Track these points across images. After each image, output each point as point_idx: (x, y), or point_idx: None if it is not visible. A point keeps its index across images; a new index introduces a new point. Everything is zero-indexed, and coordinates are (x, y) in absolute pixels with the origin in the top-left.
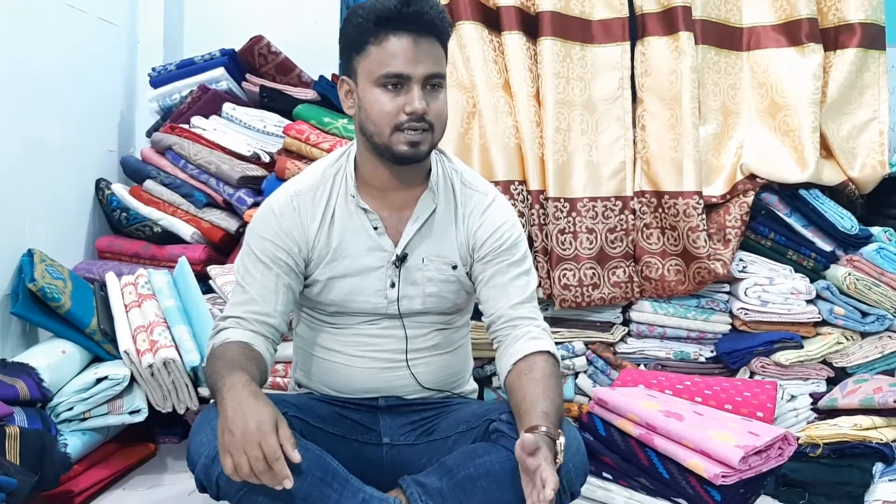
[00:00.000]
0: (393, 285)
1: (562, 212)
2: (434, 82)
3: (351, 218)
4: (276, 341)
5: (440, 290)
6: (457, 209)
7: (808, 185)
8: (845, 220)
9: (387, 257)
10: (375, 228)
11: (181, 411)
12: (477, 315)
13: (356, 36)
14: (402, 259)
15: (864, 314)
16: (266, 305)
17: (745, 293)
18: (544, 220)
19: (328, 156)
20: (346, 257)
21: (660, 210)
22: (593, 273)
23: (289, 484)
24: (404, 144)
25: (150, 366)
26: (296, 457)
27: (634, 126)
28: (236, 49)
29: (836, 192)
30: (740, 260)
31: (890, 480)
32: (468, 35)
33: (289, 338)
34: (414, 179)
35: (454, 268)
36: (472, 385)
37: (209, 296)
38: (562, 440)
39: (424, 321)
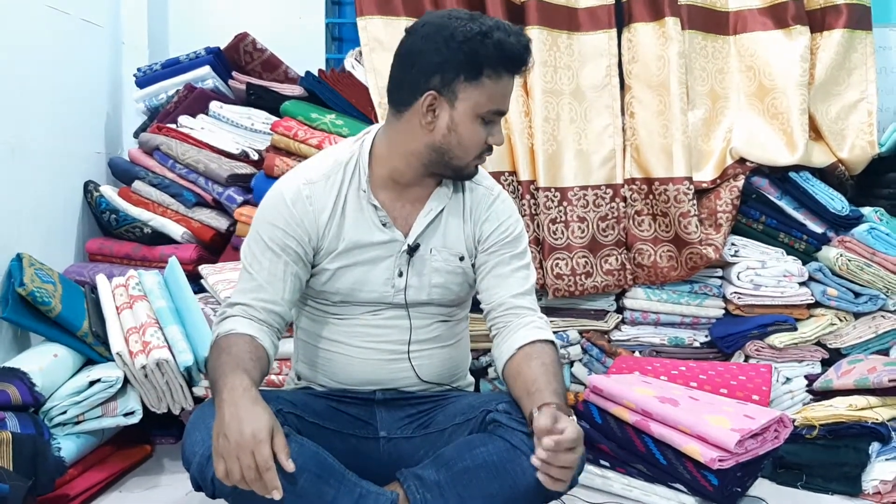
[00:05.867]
0: (401, 274)
1: (553, 201)
2: None
3: (361, 211)
4: (281, 330)
5: (446, 281)
6: (464, 203)
7: (798, 168)
8: (836, 202)
9: (396, 247)
10: (384, 224)
11: (176, 412)
12: (474, 307)
13: (472, 62)
14: (413, 249)
15: (857, 295)
16: (274, 293)
17: (737, 277)
18: (535, 210)
19: (338, 146)
20: (355, 247)
21: (651, 197)
22: (586, 262)
23: (277, 495)
24: (475, 168)
25: (144, 367)
26: (289, 466)
27: (623, 113)
28: (221, 47)
29: (826, 174)
30: (732, 244)
31: (887, 460)
32: None
33: (287, 334)
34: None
35: (461, 259)
36: (469, 379)
37: (201, 295)
38: (573, 418)
39: (428, 312)
